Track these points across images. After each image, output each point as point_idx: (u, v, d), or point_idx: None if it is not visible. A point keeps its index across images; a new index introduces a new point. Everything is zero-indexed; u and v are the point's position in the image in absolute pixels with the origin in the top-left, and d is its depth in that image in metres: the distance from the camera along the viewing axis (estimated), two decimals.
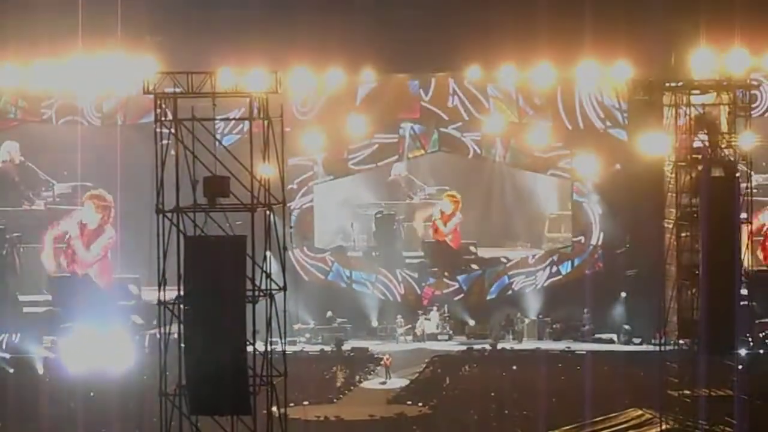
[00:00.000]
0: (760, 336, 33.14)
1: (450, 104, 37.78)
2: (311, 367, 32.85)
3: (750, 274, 31.71)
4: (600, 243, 37.61)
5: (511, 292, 37.86)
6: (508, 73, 36.65)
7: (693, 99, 29.67)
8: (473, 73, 36.97)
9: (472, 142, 38.06)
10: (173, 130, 22.16)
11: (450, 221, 38.58)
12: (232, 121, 32.52)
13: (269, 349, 22.06)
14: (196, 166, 21.95)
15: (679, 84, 30.29)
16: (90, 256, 36.99)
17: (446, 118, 37.89)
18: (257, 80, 23.62)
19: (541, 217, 40.16)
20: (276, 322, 22.22)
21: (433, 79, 37.70)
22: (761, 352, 32.47)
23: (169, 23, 35.07)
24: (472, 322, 37.20)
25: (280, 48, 34.02)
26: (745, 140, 30.63)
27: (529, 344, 35.67)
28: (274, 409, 22.32)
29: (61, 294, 35.23)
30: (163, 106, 22.55)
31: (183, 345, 21.53)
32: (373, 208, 39.92)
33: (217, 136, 24.29)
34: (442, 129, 38.07)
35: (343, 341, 35.50)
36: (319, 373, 32.81)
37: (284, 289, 22.52)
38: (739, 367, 29.16)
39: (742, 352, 30.26)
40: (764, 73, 35.92)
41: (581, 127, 37.35)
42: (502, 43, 35.61)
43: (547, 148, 37.73)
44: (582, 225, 37.90)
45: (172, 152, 22.17)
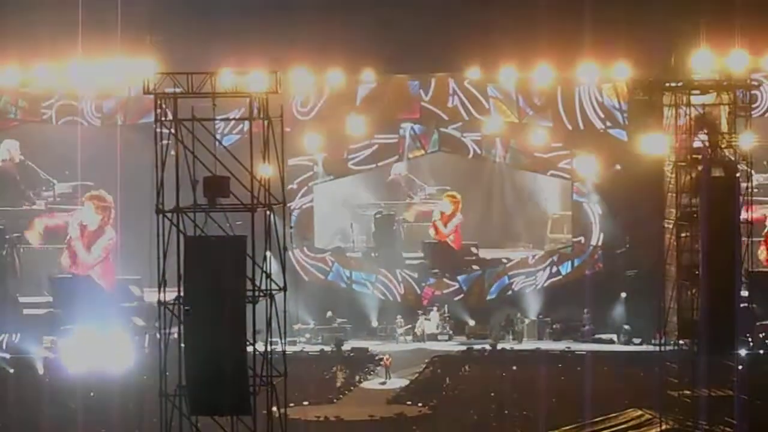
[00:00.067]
0: (761, 336, 33.11)
1: (450, 104, 37.74)
2: (311, 368, 32.81)
3: (750, 275, 31.71)
4: (600, 243, 37.56)
5: (511, 293, 37.81)
6: (508, 74, 36.62)
7: (693, 99, 29.65)
8: (473, 74, 36.96)
9: (472, 143, 38.04)
10: (173, 131, 22.17)
11: (450, 222, 38.53)
12: (232, 121, 32.48)
13: (269, 350, 22.05)
14: (196, 166, 21.95)
15: (679, 84, 30.28)
16: (91, 258, 36.57)
17: (446, 118, 37.85)
18: (257, 80, 23.62)
19: (543, 217, 40.08)
20: (276, 323, 22.21)
21: (433, 80, 37.65)
22: (761, 352, 32.43)
23: (170, 23, 35.04)
24: (472, 323, 37.16)
25: (280, 48, 34.00)
26: (745, 140, 30.63)
27: (529, 344, 35.62)
28: (274, 409, 22.32)
29: (62, 295, 34.64)
30: (163, 106, 22.55)
31: (183, 345, 21.52)
32: (373, 208, 39.88)
33: (217, 137, 24.30)
34: (442, 129, 38.03)
35: (343, 341, 35.45)
36: (319, 373, 32.79)
37: (284, 289, 22.51)
38: (740, 367, 29.16)
39: (743, 352, 30.25)
40: (764, 73, 35.82)
41: (581, 128, 37.32)
42: (502, 43, 35.58)
43: (547, 149, 37.68)
44: (582, 225, 37.86)
45: (172, 152, 22.16)
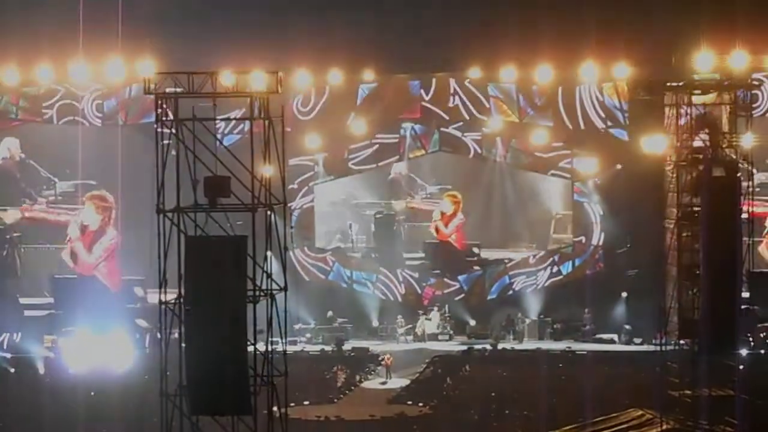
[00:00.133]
0: (761, 336, 33.09)
1: (451, 104, 37.74)
2: (312, 367, 32.81)
3: (751, 275, 31.70)
4: (601, 243, 37.56)
5: (511, 292, 37.82)
6: (508, 74, 36.62)
7: (694, 99, 29.65)
8: (474, 74, 36.94)
9: (473, 142, 38.03)
10: (174, 130, 22.16)
11: (451, 222, 38.48)
12: (233, 121, 32.48)
13: (270, 349, 22.05)
14: (197, 166, 21.94)
15: (680, 84, 30.28)
16: (92, 258, 36.45)
17: (447, 118, 37.83)
18: (258, 80, 23.61)
19: (547, 217, 39.91)
20: (277, 322, 22.21)
21: (434, 79, 37.66)
22: (762, 352, 32.42)
23: (170, 23, 35.02)
24: (473, 322, 37.17)
25: (280, 48, 33.99)
26: (746, 140, 30.62)
27: (529, 344, 35.63)
28: (275, 409, 22.31)
29: (64, 296, 34.20)
30: (164, 106, 22.55)
31: (184, 345, 21.52)
32: (373, 207, 39.84)
33: (218, 137, 24.29)
34: (442, 129, 38.04)
35: (343, 341, 35.46)
36: (320, 373, 32.79)
37: (285, 289, 22.50)
38: (741, 367, 29.15)
39: (743, 352, 30.25)
40: (765, 73, 35.86)
41: (582, 127, 37.32)
42: (503, 43, 35.55)
43: (547, 148, 37.68)
44: (583, 225, 37.85)
45: (173, 152, 22.15)
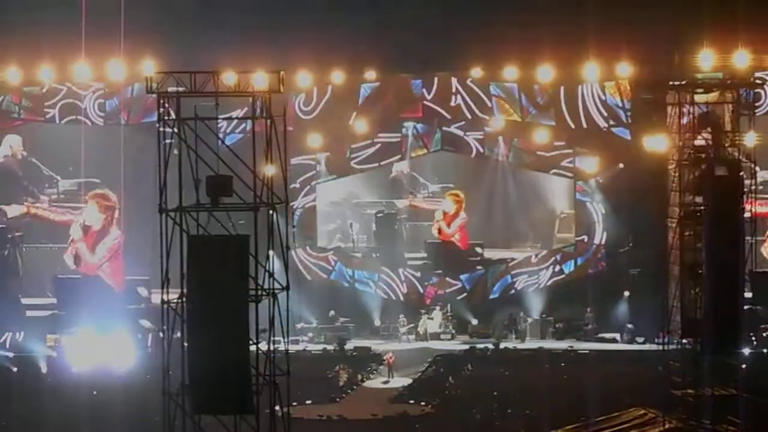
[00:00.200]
0: (764, 336, 33.06)
1: (453, 103, 37.72)
2: (314, 367, 32.80)
3: (753, 275, 31.66)
4: (603, 242, 37.55)
5: (513, 292, 37.81)
6: (511, 72, 36.59)
7: (696, 98, 29.60)
8: (476, 73, 36.91)
9: (475, 141, 38.01)
10: (176, 130, 22.15)
11: (454, 222, 38.41)
12: (235, 121, 32.46)
13: (272, 349, 22.04)
14: (199, 166, 21.93)
15: (683, 83, 30.24)
16: (96, 258, 36.14)
17: (449, 117, 37.83)
18: (260, 80, 23.59)
19: (551, 217, 39.83)
20: (279, 322, 22.19)
21: (436, 78, 37.65)
22: (765, 351, 32.39)
23: (172, 23, 35.00)
24: (475, 322, 37.17)
25: (282, 48, 33.98)
26: (749, 139, 30.59)
27: (531, 343, 35.64)
28: (277, 408, 22.30)
29: (67, 296, 33.75)
30: (166, 105, 22.53)
31: (186, 344, 21.50)
32: (374, 206, 39.78)
33: (220, 136, 24.26)
34: (444, 128, 38.02)
35: (345, 340, 35.46)
36: (322, 372, 32.78)
37: (287, 288, 22.49)
38: (743, 366, 29.11)
39: (746, 351, 30.21)
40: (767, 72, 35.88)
41: (584, 126, 37.30)
42: (505, 42, 35.53)
43: (549, 147, 37.66)
44: (585, 224, 37.83)
45: (175, 152, 22.14)
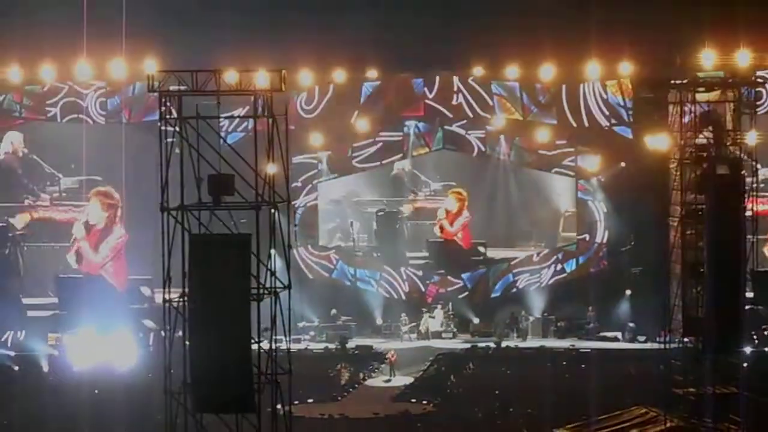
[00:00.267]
0: (766, 334, 33.06)
1: (454, 102, 37.73)
2: (316, 365, 32.81)
3: (754, 274, 31.65)
4: (605, 241, 37.56)
5: (515, 290, 37.82)
6: (512, 71, 36.59)
7: (698, 96, 29.59)
8: (478, 72, 36.92)
9: (477, 140, 38.02)
10: (178, 128, 22.15)
11: (456, 220, 38.37)
12: (237, 119, 32.44)
13: (274, 347, 22.04)
14: (201, 164, 21.92)
15: (684, 81, 30.23)
16: (99, 257, 35.81)
17: (451, 115, 37.84)
18: (262, 78, 23.59)
19: (553, 215, 39.81)
20: (280, 320, 22.19)
21: (438, 77, 37.65)
22: (766, 350, 32.39)
23: (174, 21, 35.01)
24: (477, 320, 37.18)
25: (284, 47, 33.99)
26: (750, 137, 30.59)
27: (533, 342, 35.67)
28: (279, 406, 22.30)
29: (69, 296, 33.44)
30: (168, 104, 22.52)
31: (188, 343, 21.50)
32: (375, 205, 39.76)
33: (222, 135, 24.26)
34: (446, 127, 38.03)
35: (347, 339, 35.48)
36: (324, 371, 32.78)
37: (289, 287, 22.49)
38: (744, 364, 29.10)
39: (747, 349, 30.21)
40: None
41: (586, 125, 37.31)
42: (506, 41, 35.55)
43: (551, 146, 37.67)
44: (587, 223, 37.85)
45: (177, 150, 22.14)
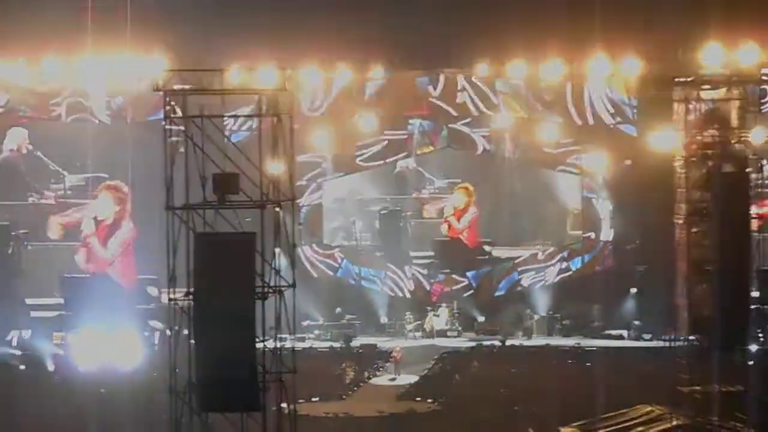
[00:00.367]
0: None
1: (459, 100, 37.70)
2: (320, 364, 32.78)
3: (760, 273, 31.58)
4: (610, 239, 37.51)
5: (520, 289, 37.78)
6: (517, 69, 36.55)
7: (703, 94, 29.55)
8: (482, 69, 36.88)
9: (482, 138, 37.97)
10: (182, 128, 22.14)
11: (464, 216, 38.28)
12: (241, 118, 32.42)
13: (279, 346, 22.03)
14: (206, 163, 21.91)
15: (690, 79, 30.19)
16: (108, 253, 34.95)
17: (455, 114, 37.80)
18: (267, 77, 23.61)
19: (559, 214, 39.68)
20: (285, 319, 22.18)
21: (442, 76, 37.61)
22: None
23: (179, 19, 34.99)
24: (482, 319, 37.13)
25: (289, 45, 33.97)
26: (756, 135, 30.53)
27: (538, 340, 35.64)
28: (284, 405, 22.29)
29: (75, 296, 32.78)
30: (173, 103, 22.52)
31: (193, 342, 21.50)
32: (379, 203, 39.69)
33: (226, 134, 24.26)
34: (450, 125, 37.99)
35: (351, 338, 35.46)
36: (328, 369, 32.76)
37: (293, 285, 22.48)
38: (751, 363, 29.06)
39: (753, 348, 30.16)
40: None
41: (591, 123, 37.26)
42: (510, 38, 35.50)
43: (556, 144, 37.62)
44: (592, 221, 37.81)
45: (181, 149, 22.13)
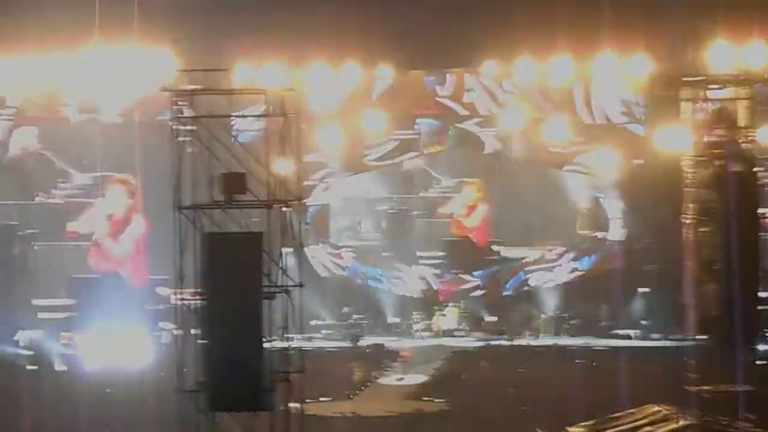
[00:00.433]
0: None
1: (467, 100, 37.70)
2: (328, 364, 32.81)
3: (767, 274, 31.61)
4: (619, 238, 37.48)
5: (528, 288, 37.78)
6: (525, 68, 36.56)
7: (711, 93, 29.55)
8: (490, 69, 36.89)
9: (490, 138, 37.95)
10: (190, 127, 22.17)
11: (473, 214, 38.23)
12: (249, 118, 32.42)
13: (286, 346, 22.05)
14: (214, 163, 21.94)
15: (698, 78, 30.19)
16: (120, 251, 34.73)
17: (463, 113, 37.80)
18: (275, 77, 23.63)
19: (568, 214, 39.54)
20: (293, 319, 22.20)
21: (450, 75, 37.62)
22: None
23: (187, 18, 35.03)
24: (489, 318, 37.14)
25: (297, 45, 34.02)
26: (765, 135, 30.53)
27: (546, 340, 35.64)
28: (291, 405, 22.31)
29: (84, 297, 32.42)
30: (180, 103, 22.56)
31: (201, 341, 21.52)
32: (386, 203, 39.70)
33: (234, 133, 24.29)
34: (459, 125, 37.99)
35: (359, 337, 35.48)
36: (336, 369, 32.79)
37: (301, 285, 22.50)
38: (759, 362, 29.07)
39: (762, 347, 30.17)
40: None
41: (599, 122, 37.25)
42: (518, 37, 35.53)
43: (564, 144, 37.61)
44: (600, 221, 37.79)
45: (189, 149, 22.16)
